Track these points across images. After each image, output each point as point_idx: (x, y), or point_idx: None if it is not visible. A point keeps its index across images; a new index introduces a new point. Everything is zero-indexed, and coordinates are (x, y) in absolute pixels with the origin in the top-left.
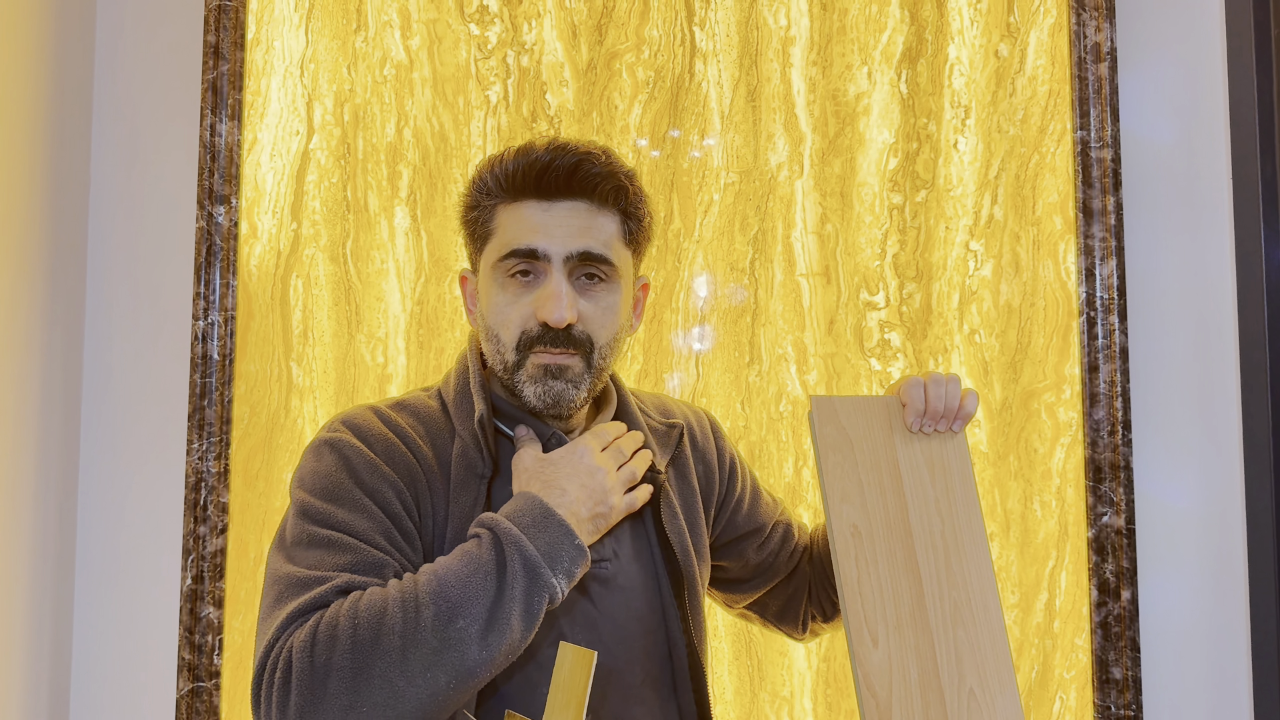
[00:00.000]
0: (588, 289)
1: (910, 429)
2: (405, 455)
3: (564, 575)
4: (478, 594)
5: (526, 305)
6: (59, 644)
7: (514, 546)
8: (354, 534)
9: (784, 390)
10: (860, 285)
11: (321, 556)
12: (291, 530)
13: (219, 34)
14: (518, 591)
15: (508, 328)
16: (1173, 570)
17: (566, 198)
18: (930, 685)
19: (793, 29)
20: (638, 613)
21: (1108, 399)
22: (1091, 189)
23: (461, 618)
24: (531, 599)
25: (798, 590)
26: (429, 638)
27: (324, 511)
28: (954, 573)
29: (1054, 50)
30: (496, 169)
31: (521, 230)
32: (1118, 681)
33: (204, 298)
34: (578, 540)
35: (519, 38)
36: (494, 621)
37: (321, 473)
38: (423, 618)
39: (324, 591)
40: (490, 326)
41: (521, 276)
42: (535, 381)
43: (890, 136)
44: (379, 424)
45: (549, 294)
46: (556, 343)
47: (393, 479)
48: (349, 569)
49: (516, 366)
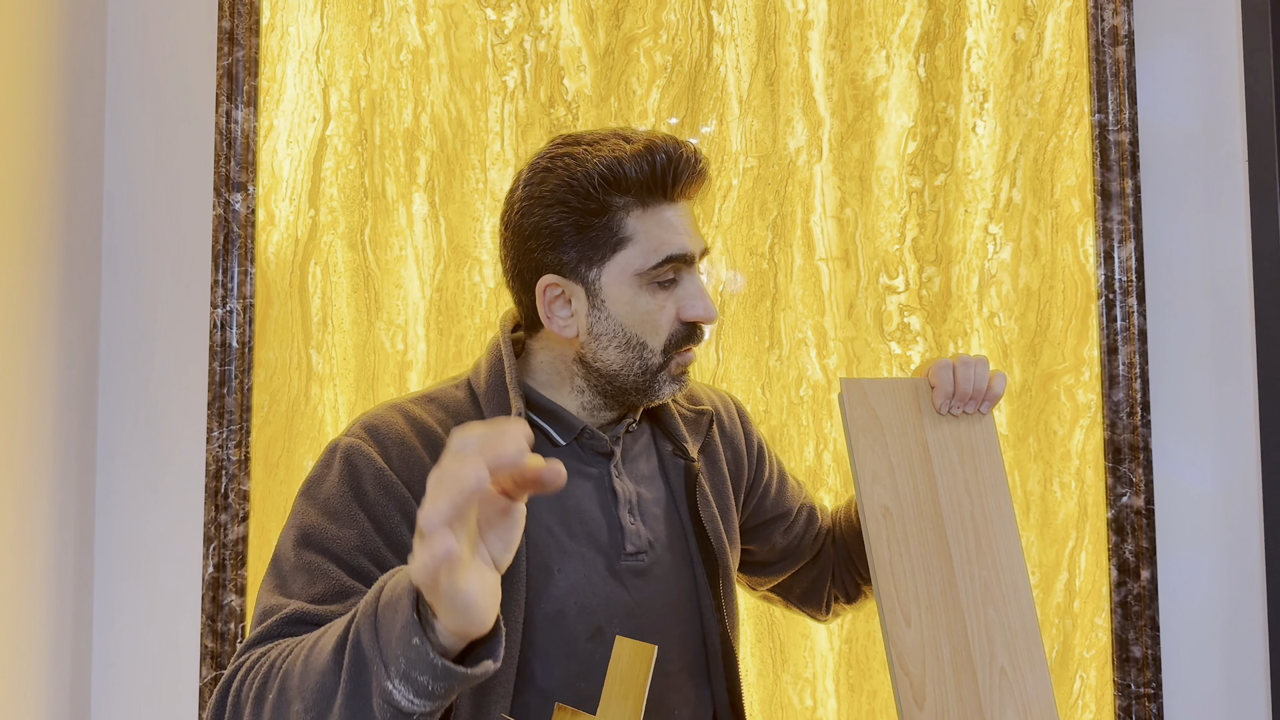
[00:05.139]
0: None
1: (939, 411)
2: (424, 462)
3: (402, 681)
4: (315, 687)
5: (671, 308)
6: (79, 633)
7: (358, 629)
8: (337, 556)
9: (804, 375)
10: (880, 269)
11: (300, 586)
12: (285, 546)
13: (234, 19)
14: (345, 694)
15: (658, 334)
16: (1191, 550)
17: (686, 198)
18: (962, 664)
19: (810, 13)
20: (673, 602)
21: (1126, 381)
22: (1110, 172)
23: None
24: (356, 706)
25: (822, 573)
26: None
27: (315, 530)
28: (984, 553)
29: (1071, 34)
30: (628, 170)
31: (668, 234)
32: (1137, 660)
33: (222, 285)
34: (415, 639)
35: (536, 23)
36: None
37: (325, 483)
38: (286, 698)
39: (278, 620)
40: (635, 335)
41: (667, 281)
42: (675, 380)
43: (909, 120)
44: (401, 426)
45: (698, 293)
46: (699, 339)
47: (400, 491)
48: (314, 600)
49: (660, 369)
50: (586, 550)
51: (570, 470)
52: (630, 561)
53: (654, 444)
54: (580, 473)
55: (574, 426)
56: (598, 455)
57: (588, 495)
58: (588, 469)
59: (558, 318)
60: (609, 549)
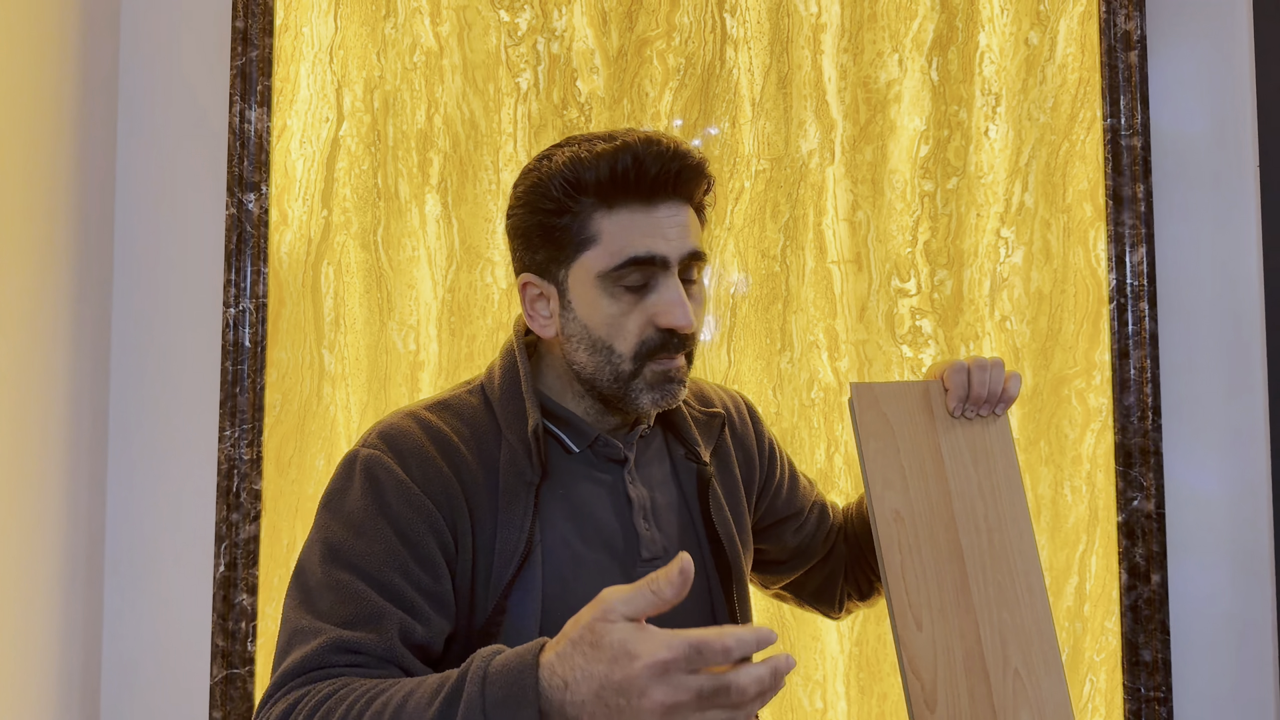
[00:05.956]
0: (688, 287)
1: (952, 414)
2: (443, 472)
3: None
4: None
5: (642, 313)
6: (90, 631)
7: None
8: (365, 573)
9: (815, 377)
10: (892, 272)
11: (330, 606)
12: (310, 562)
13: (247, 20)
14: None
15: (625, 339)
16: (1202, 554)
17: (668, 199)
18: (975, 667)
19: (823, 16)
20: (687, 607)
21: (1138, 385)
22: (1121, 176)
23: None
24: None
25: (834, 570)
26: None
27: (342, 546)
28: (998, 555)
29: (1084, 38)
30: (586, 171)
31: (634, 236)
32: (1147, 664)
33: (235, 285)
34: None
35: (549, 24)
36: None
37: (348, 496)
38: None
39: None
40: (600, 339)
41: (635, 284)
42: (654, 389)
43: (921, 124)
44: (418, 435)
45: (672, 300)
46: (678, 348)
47: (422, 503)
48: (347, 623)
49: (632, 376)
50: (602, 557)
51: (584, 477)
52: (646, 567)
53: (667, 448)
54: (594, 479)
55: (588, 434)
56: (611, 461)
57: (602, 502)
58: (602, 475)
59: (539, 317)
60: (624, 555)
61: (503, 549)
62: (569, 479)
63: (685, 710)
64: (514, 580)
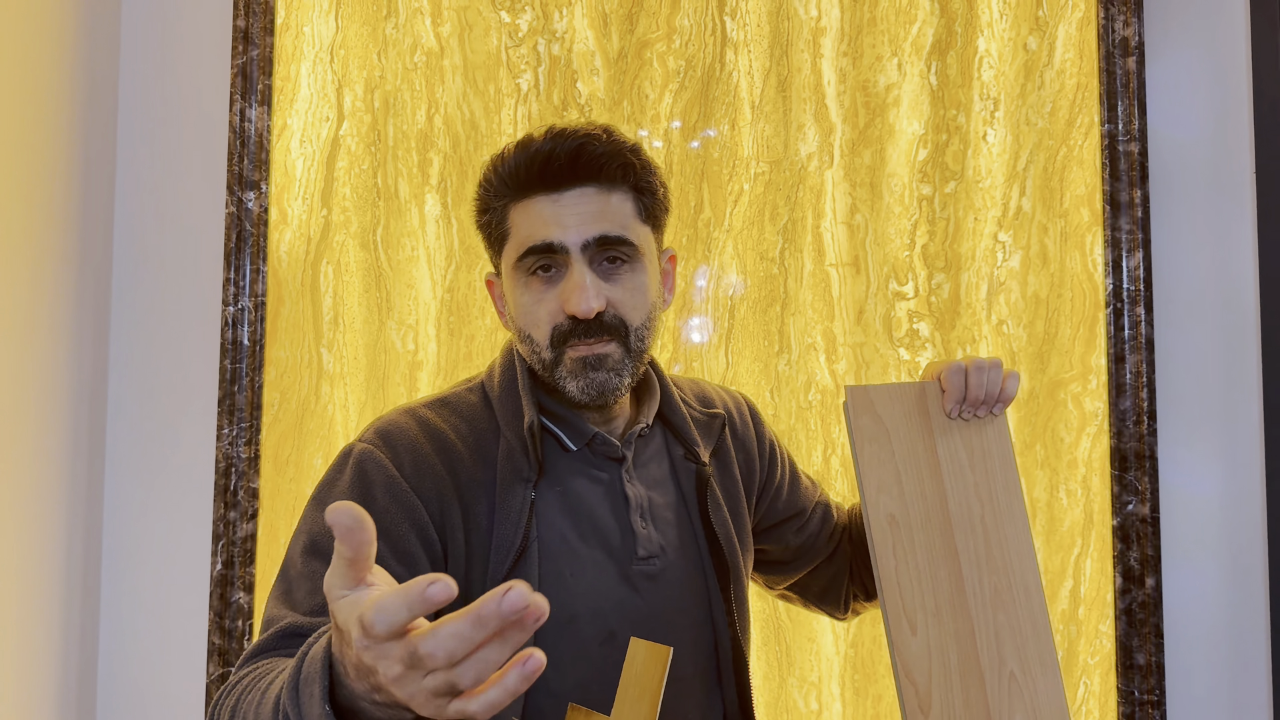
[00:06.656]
0: (612, 273)
1: (949, 415)
2: (435, 469)
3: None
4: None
5: (553, 300)
6: (87, 629)
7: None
8: None
9: (813, 379)
10: (889, 275)
11: (304, 595)
12: (293, 552)
13: (248, 19)
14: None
15: (538, 326)
16: (1196, 558)
17: (574, 185)
18: (970, 670)
19: (823, 19)
20: (684, 607)
21: (1134, 389)
22: (1119, 182)
23: None
24: None
25: (839, 570)
26: None
27: (323, 537)
28: (994, 556)
29: (1082, 44)
30: (500, 168)
31: (535, 226)
32: (1141, 667)
33: (234, 283)
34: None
35: (550, 25)
36: None
37: (335, 489)
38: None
39: (270, 635)
40: (522, 328)
41: (543, 272)
42: (576, 376)
43: (920, 128)
44: (415, 432)
45: (573, 286)
46: (589, 333)
47: (408, 498)
48: (315, 612)
49: (554, 364)
50: (599, 555)
51: (581, 475)
52: (642, 566)
53: (666, 448)
54: (592, 477)
55: (585, 432)
56: (609, 460)
57: (599, 499)
58: (599, 473)
59: (503, 313)
60: (621, 554)
61: (499, 544)
62: (566, 476)
63: (409, 681)
64: (509, 575)
